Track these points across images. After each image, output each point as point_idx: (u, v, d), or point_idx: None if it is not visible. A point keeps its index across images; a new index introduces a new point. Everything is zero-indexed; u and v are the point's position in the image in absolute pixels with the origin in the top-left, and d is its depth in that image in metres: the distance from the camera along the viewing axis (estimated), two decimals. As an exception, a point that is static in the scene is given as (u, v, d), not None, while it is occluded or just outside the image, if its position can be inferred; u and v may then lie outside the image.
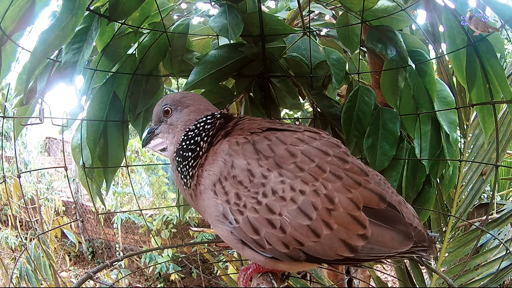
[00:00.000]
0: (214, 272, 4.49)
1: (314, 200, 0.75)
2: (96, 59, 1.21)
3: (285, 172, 0.78)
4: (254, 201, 0.77)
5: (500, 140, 1.90)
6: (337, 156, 0.82)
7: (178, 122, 0.93)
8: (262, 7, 1.21)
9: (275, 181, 0.77)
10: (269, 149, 0.80)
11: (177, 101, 0.95)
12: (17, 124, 1.13)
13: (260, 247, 0.78)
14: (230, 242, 0.84)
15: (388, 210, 0.79)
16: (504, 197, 3.15)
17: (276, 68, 1.32)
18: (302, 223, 0.75)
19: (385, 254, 0.78)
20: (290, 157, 0.79)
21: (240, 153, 0.81)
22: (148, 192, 5.64)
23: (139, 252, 4.72)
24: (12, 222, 5.11)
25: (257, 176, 0.78)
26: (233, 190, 0.79)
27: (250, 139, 0.82)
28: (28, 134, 7.66)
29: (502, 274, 1.73)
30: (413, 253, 0.81)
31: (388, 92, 1.26)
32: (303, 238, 0.75)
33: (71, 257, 6.26)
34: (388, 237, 0.77)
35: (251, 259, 0.89)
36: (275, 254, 0.78)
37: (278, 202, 0.76)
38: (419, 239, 0.80)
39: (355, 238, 0.75)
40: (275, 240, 0.76)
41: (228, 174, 0.80)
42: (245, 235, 0.78)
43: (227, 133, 0.88)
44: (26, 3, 0.76)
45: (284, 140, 0.82)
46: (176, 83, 1.70)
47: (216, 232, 0.87)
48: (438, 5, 1.05)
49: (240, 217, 0.78)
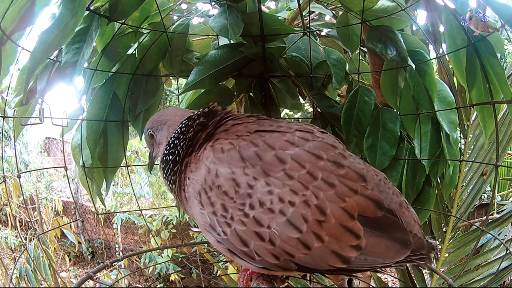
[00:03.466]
0: (214, 272, 4.48)
1: (304, 212, 0.71)
2: (96, 59, 1.21)
3: (273, 181, 0.73)
4: (241, 213, 0.73)
5: (500, 140, 1.90)
6: (331, 160, 0.76)
7: (162, 140, 0.96)
8: (262, 7, 1.21)
9: (262, 191, 0.72)
10: (256, 156, 0.75)
11: (156, 122, 0.97)
12: (17, 124, 1.13)
13: (250, 258, 0.75)
14: (220, 250, 0.82)
15: (386, 216, 0.75)
16: (504, 197, 3.15)
17: (276, 68, 1.32)
18: (291, 236, 0.71)
19: (379, 264, 0.74)
20: (278, 164, 0.74)
21: (224, 161, 0.76)
22: (148, 192, 5.63)
23: (139, 252, 4.71)
24: (12, 222, 5.10)
25: (243, 186, 0.73)
26: (219, 201, 0.75)
27: (236, 144, 0.77)
28: (28, 134, 7.67)
29: (503, 274, 1.73)
30: (409, 262, 0.78)
31: (388, 92, 1.26)
32: (293, 250, 0.72)
33: (71, 257, 6.25)
34: (384, 247, 0.73)
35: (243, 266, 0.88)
36: (265, 264, 0.75)
37: (266, 215, 0.72)
38: (418, 246, 0.77)
39: (348, 249, 0.71)
40: (265, 252, 0.73)
41: (213, 184, 0.76)
42: (234, 246, 0.76)
43: (209, 135, 0.84)
44: (26, 3, 0.76)
45: (273, 144, 0.76)
46: (176, 83, 1.70)
47: (206, 237, 0.86)
48: (438, 5, 1.05)
49: (227, 229, 0.75)
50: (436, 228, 1.93)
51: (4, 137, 4.87)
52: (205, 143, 0.83)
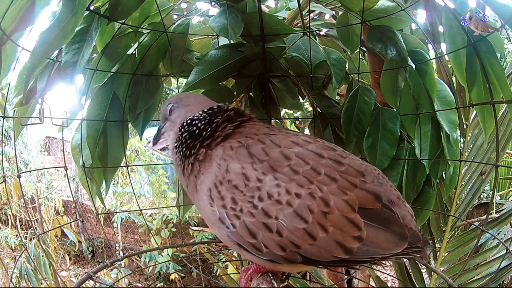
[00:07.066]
0: (214, 272, 4.49)
1: (309, 203, 0.75)
2: (96, 59, 1.21)
3: (280, 176, 0.77)
4: (250, 205, 0.77)
5: (500, 140, 1.90)
6: (332, 158, 0.81)
7: (176, 119, 0.97)
8: (262, 7, 1.21)
9: (270, 185, 0.77)
10: (263, 153, 0.80)
11: (180, 100, 0.99)
12: (17, 124, 1.13)
13: (257, 250, 0.78)
14: (228, 243, 0.85)
15: (384, 210, 0.80)
16: (503, 196, 3.15)
17: (276, 68, 1.32)
18: (298, 227, 0.75)
19: (380, 255, 0.78)
20: (284, 160, 0.79)
21: (234, 158, 0.81)
22: (148, 191, 5.64)
23: (139, 252, 4.72)
24: (12, 222, 5.11)
25: (252, 180, 0.78)
26: (229, 195, 0.79)
27: (244, 142, 0.83)
28: (28, 133, 7.65)
29: (502, 273, 1.74)
30: (407, 254, 0.81)
31: (388, 92, 1.26)
32: (300, 241, 0.75)
33: (71, 257, 6.26)
34: (383, 238, 0.77)
35: (249, 260, 0.90)
36: (272, 257, 0.78)
37: (274, 206, 0.76)
38: (414, 239, 0.81)
39: (351, 240, 0.75)
40: (272, 244, 0.76)
41: (223, 179, 0.80)
42: (242, 239, 0.79)
43: (226, 136, 0.88)
44: (26, 3, 0.76)
45: (278, 143, 0.82)
46: (176, 83, 1.70)
47: (213, 232, 0.88)
48: (438, 5, 1.04)
49: (236, 222, 0.78)
50: (435, 227, 1.93)
51: (4, 137, 4.86)
52: (222, 142, 0.87)
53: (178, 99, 1.00)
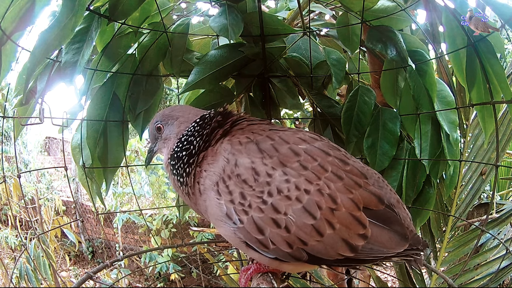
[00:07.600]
0: (214, 272, 4.49)
1: (318, 200, 0.75)
2: (96, 59, 1.20)
3: (289, 171, 0.77)
4: (260, 200, 0.76)
5: (500, 140, 1.90)
6: (337, 157, 0.82)
7: (170, 135, 0.96)
8: (262, 7, 1.21)
9: (280, 180, 0.77)
10: (272, 148, 0.80)
11: (167, 116, 0.97)
12: (17, 124, 1.13)
13: (263, 247, 0.78)
14: (234, 242, 0.84)
15: (386, 211, 0.80)
16: (503, 197, 3.15)
17: (276, 68, 1.32)
18: (306, 223, 0.75)
19: (383, 254, 0.78)
20: (294, 156, 0.79)
21: (243, 152, 0.81)
22: (148, 191, 5.64)
23: (139, 252, 4.72)
24: (12, 222, 5.11)
25: (262, 174, 0.77)
26: (238, 190, 0.78)
27: (253, 138, 0.83)
28: (28, 134, 7.66)
29: (502, 273, 1.74)
30: (407, 256, 0.82)
31: (388, 92, 1.26)
32: (307, 238, 0.75)
33: (71, 257, 6.25)
34: (386, 237, 0.78)
35: (255, 259, 0.90)
36: (277, 254, 0.78)
37: (283, 202, 0.76)
38: (414, 241, 0.82)
39: (356, 238, 0.76)
40: (279, 240, 0.76)
41: (232, 173, 0.79)
42: (249, 235, 0.78)
43: (225, 132, 0.88)
44: (26, 3, 0.76)
45: (287, 139, 0.82)
46: (176, 83, 1.70)
47: (218, 231, 0.87)
48: (438, 5, 1.04)
49: (244, 217, 0.78)
50: (435, 227, 1.93)
51: (4, 137, 4.86)
52: (222, 138, 0.87)
53: (163, 116, 0.97)
